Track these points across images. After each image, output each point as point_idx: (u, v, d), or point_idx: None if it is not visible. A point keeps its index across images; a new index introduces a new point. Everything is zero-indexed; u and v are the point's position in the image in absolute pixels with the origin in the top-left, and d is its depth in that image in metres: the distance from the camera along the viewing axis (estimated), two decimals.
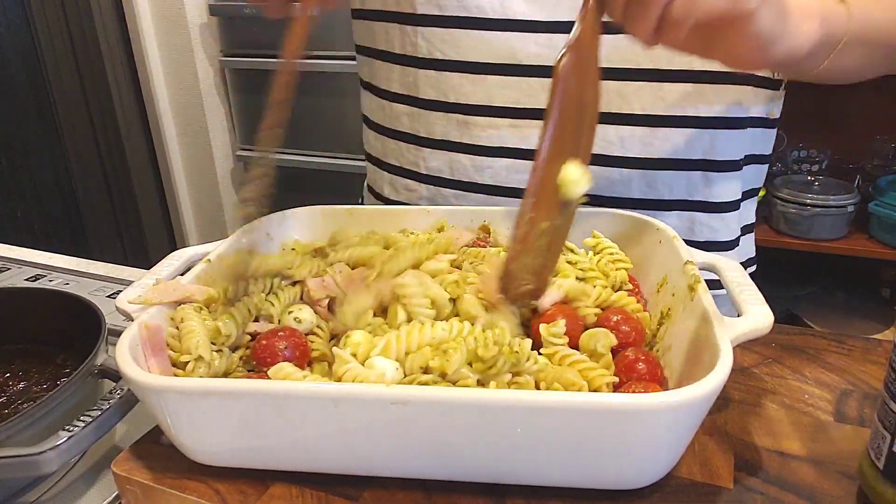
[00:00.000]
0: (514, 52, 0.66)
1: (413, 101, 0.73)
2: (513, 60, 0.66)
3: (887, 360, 0.41)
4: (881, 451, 0.42)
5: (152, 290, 0.52)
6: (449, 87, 0.70)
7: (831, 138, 1.92)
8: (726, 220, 0.71)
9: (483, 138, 0.70)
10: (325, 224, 0.69)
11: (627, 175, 0.68)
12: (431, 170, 0.75)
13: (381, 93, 0.77)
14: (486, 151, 0.70)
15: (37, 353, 0.69)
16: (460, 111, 0.70)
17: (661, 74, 0.64)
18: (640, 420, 0.39)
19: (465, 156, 0.72)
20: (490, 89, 0.68)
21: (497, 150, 0.70)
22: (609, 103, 0.65)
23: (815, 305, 1.94)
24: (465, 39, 0.67)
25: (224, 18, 2.25)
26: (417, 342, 0.47)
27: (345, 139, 2.21)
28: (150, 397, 0.44)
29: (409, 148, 0.76)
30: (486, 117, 0.69)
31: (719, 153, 0.68)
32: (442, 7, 0.67)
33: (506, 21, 0.65)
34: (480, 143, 0.70)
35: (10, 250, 1.06)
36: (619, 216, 0.64)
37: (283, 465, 0.46)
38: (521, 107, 0.68)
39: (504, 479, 0.45)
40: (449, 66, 0.69)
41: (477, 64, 0.68)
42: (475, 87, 0.68)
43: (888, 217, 1.72)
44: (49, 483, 0.56)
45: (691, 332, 0.48)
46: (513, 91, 0.67)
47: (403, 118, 0.75)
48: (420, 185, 0.76)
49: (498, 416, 0.40)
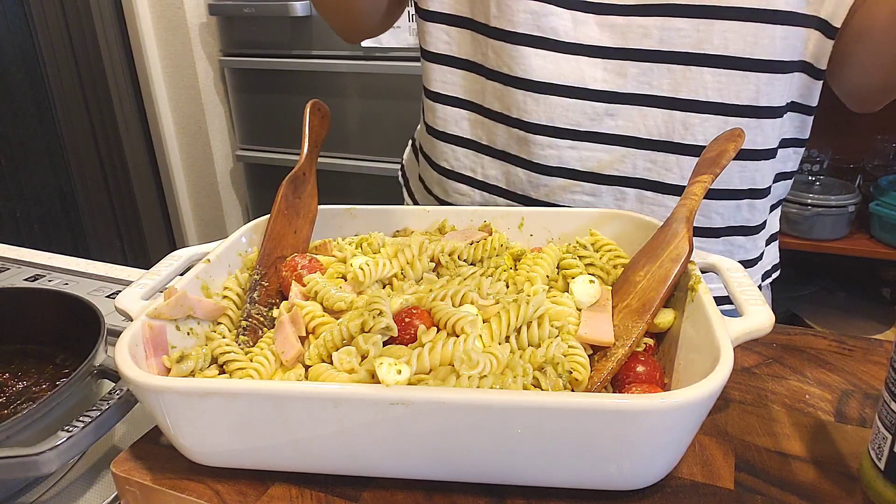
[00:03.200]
0: (582, 76, 0.66)
1: (477, 108, 0.73)
2: (579, 84, 0.66)
3: (888, 361, 0.41)
4: (882, 451, 0.42)
5: (165, 305, 0.52)
6: (512, 102, 0.70)
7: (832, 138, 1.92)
8: (755, 239, 0.74)
9: (541, 156, 0.70)
10: (325, 224, 0.69)
11: None
12: (488, 178, 0.75)
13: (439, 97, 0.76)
14: (543, 169, 0.71)
15: (36, 353, 0.69)
16: (521, 127, 0.70)
17: (726, 108, 0.65)
18: (640, 421, 0.39)
19: (521, 170, 0.72)
20: (553, 109, 0.68)
21: (554, 169, 0.70)
22: (673, 132, 0.66)
23: (816, 305, 1.94)
24: (533, 59, 0.67)
25: (223, 18, 2.25)
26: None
27: (345, 139, 2.21)
28: (149, 398, 0.44)
29: (466, 153, 0.76)
30: (547, 137, 0.69)
31: (759, 182, 0.70)
32: (515, 24, 0.67)
33: (577, 45, 0.66)
34: (538, 161, 0.71)
35: (9, 250, 1.06)
36: (620, 216, 0.64)
37: (283, 466, 0.46)
38: (581, 129, 0.68)
39: (504, 480, 0.45)
40: (514, 83, 0.69)
41: (542, 84, 0.68)
42: (538, 105, 0.68)
43: (889, 217, 1.72)
44: (48, 483, 0.56)
45: (692, 332, 0.48)
46: (575, 114, 0.68)
47: (464, 123, 0.75)
48: (474, 190, 0.76)
49: (498, 417, 0.40)
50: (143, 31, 2.32)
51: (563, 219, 0.66)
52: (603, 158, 0.69)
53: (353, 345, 0.49)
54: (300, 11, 2.06)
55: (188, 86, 2.39)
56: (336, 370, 0.47)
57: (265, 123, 2.36)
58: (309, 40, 2.13)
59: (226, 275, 0.60)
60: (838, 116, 0.94)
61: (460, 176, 0.77)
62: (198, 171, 2.54)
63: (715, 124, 0.65)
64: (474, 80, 0.72)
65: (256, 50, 2.25)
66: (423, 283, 0.58)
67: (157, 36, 2.36)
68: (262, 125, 2.37)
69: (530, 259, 0.60)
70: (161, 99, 2.42)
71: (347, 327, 0.50)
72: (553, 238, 0.66)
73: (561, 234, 0.66)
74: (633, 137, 0.67)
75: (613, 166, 0.69)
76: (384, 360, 0.45)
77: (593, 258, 0.60)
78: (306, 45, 2.14)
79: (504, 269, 0.60)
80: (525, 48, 0.67)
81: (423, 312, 0.52)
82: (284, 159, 2.32)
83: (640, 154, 0.68)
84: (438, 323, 0.51)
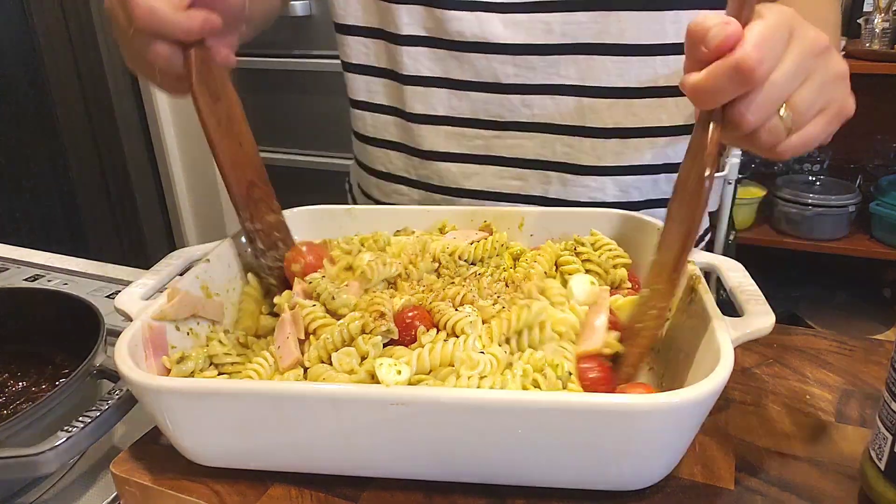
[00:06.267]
0: (494, 72, 0.71)
1: (401, 113, 0.77)
2: (493, 79, 0.71)
3: (888, 361, 0.41)
4: (882, 451, 0.42)
5: (169, 305, 0.52)
6: (437, 101, 0.74)
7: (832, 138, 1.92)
8: None
9: (469, 147, 0.75)
10: (324, 224, 0.69)
11: (602, 182, 0.73)
12: (421, 176, 0.79)
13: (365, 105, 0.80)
14: (473, 159, 0.75)
15: (35, 353, 0.68)
16: (449, 123, 0.75)
17: (629, 91, 0.69)
18: (640, 421, 0.39)
19: (453, 164, 0.76)
20: (475, 105, 0.73)
21: (483, 157, 0.75)
22: (584, 117, 0.71)
23: (817, 306, 1.94)
24: (448, 60, 0.72)
25: None
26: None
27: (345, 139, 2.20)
28: (148, 398, 0.44)
29: (398, 156, 0.80)
30: (472, 129, 0.74)
31: (674, 156, 0.74)
32: (425, 30, 0.71)
33: (485, 44, 0.70)
34: (466, 152, 0.75)
35: (8, 250, 1.06)
36: (619, 216, 0.64)
37: (283, 466, 0.46)
38: (503, 120, 0.73)
39: (504, 480, 0.45)
40: (435, 83, 0.73)
41: (462, 82, 0.72)
42: (462, 101, 0.73)
43: (889, 217, 1.72)
44: (48, 484, 0.56)
45: (692, 332, 0.48)
46: (494, 106, 0.72)
47: (391, 128, 0.79)
48: (412, 189, 0.80)
49: (498, 417, 0.40)
50: None
51: (563, 218, 0.66)
52: (526, 145, 0.74)
53: (354, 346, 0.49)
54: (300, 11, 2.06)
55: None
56: (336, 371, 0.47)
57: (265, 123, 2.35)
58: (309, 40, 2.13)
59: (226, 274, 0.60)
60: None
61: (397, 178, 0.81)
62: (198, 171, 2.54)
63: (621, 107, 0.70)
64: (395, 86, 0.77)
65: (256, 50, 2.25)
66: (424, 283, 0.58)
67: None
68: (261, 125, 2.37)
69: (529, 256, 0.60)
70: (161, 99, 2.42)
71: (348, 328, 0.49)
72: (553, 238, 0.66)
73: (561, 234, 0.66)
74: (550, 124, 0.72)
75: (536, 151, 0.74)
76: (384, 361, 0.45)
77: (591, 255, 0.60)
78: (306, 45, 2.14)
79: (504, 268, 0.60)
80: (439, 51, 0.72)
81: (423, 312, 0.51)
82: (284, 159, 2.32)
83: (558, 139, 0.72)
84: (438, 324, 0.51)
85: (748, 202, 1.88)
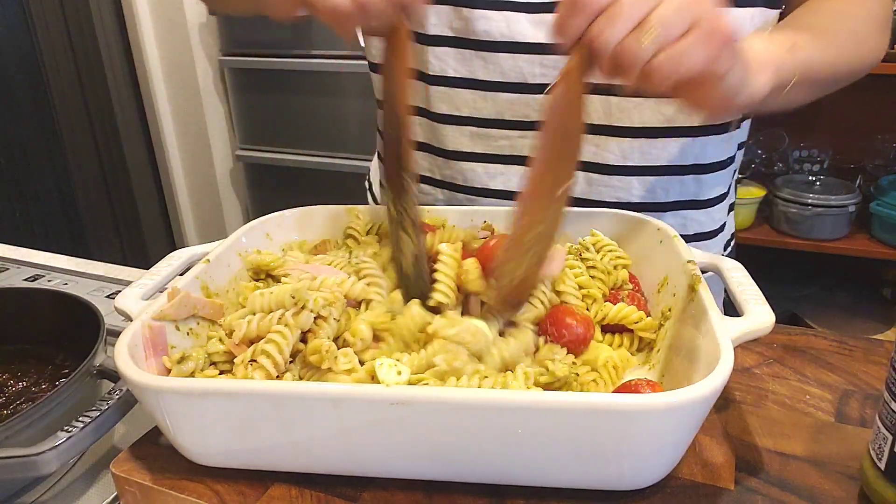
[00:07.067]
0: (521, 72, 0.70)
1: (426, 113, 0.76)
2: (520, 80, 0.70)
3: (889, 361, 0.41)
4: (882, 451, 0.42)
5: (169, 305, 0.52)
6: (462, 103, 0.73)
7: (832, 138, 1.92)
8: (710, 212, 0.77)
9: (496, 147, 0.74)
10: (325, 224, 0.69)
11: (627, 182, 0.72)
12: (445, 177, 0.78)
13: None
14: (498, 159, 0.75)
15: (35, 353, 0.68)
16: (473, 124, 0.74)
17: None
18: (640, 421, 0.39)
19: (478, 164, 0.76)
20: (500, 104, 0.72)
21: (508, 157, 0.74)
22: (611, 116, 0.69)
23: (817, 305, 1.94)
24: (475, 60, 0.71)
25: (223, 18, 2.25)
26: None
27: (345, 139, 2.21)
28: (148, 398, 0.44)
29: (423, 156, 0.79)
30: (498, 129, 0.73)
31: (709, 157, 0.73)
32: (452, 31, 0.71)
33: (513, 44, 0.69)
34: (493, 152, 0.75)
35: (8, 250, 1.06)
36: (619, 216, 0.65)
37: (283, 466, 0.46)
38: (529, 120, 0.72)
39: (504, 480, 0.45)
40: (460, 84, 0.73)
41: (487, 82, 0.71)
42: (487, 102, 0.72)
43: (889, 217, 1.72)
44: (48, 484, 0.56)
45: (692, 331, 0.48)
46: (521, 107, 0.71)
47: (415, 128, 0.78)
48: (436, 189, 0.80)
49: (498, 417, 0.40)
50: (143, 31, 2.31)
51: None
52: None
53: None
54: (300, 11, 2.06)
55: (188, 85, 2.39)
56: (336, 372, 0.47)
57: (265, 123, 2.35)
58: (309, 40, 2.13)
59: (226, 274, 0.60)
60: (838, 116, 0.94)
61: (422, 178, 0.81)
62: (197, 172, 2.54)
63: (648, 106, 0.69)
64: (420, 86, 0.76)
65: (256, 50, 2.25)
66: None
67: (156, 35, 2.36)
68: (261, 125, 2.37)
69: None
70: (161, 99, 2.42)
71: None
72: None
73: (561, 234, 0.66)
74: None
75: None
76: (384, 361, 0.45)
77: (595, 261, 0.60)
78: (306, 45, 2.14)
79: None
80: (466, 51, 0.71)
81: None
82: (284, 159, 2.32)
83: (584, 139, 0.71)
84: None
85: (748, 202, 1.88)
